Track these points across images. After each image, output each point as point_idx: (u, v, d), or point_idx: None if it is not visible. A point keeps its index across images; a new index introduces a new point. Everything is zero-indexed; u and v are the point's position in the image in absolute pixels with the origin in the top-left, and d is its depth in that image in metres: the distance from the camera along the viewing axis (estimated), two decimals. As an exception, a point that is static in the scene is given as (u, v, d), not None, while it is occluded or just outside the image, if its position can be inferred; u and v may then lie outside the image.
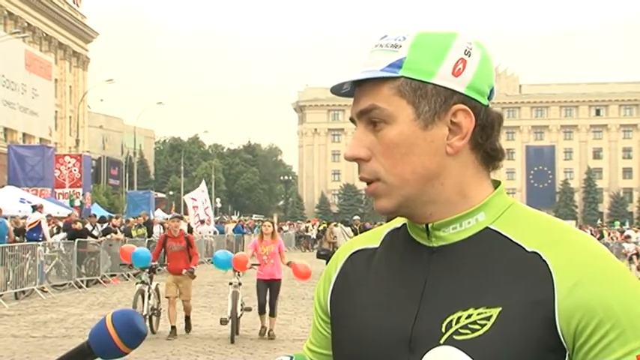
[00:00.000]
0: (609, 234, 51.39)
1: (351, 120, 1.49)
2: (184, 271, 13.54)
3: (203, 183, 43.28)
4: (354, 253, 1.61)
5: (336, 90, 1.50)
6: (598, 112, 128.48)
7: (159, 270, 14.57)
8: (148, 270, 13.82)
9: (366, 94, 1.44)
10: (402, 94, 1.42)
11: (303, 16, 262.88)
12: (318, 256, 29.36)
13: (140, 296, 13.62)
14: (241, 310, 13.51)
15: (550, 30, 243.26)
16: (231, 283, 13.44)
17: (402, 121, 1.42)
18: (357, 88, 1.47)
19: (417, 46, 1.43)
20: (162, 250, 14.12)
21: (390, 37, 1.46)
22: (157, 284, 14.36)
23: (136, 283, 14.03)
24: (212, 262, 13.35)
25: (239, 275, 13.46)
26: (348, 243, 1.66)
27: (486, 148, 1.46)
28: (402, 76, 1.42)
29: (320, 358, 1.65)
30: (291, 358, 1.61)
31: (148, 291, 13.76)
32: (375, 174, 1.45)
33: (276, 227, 14.20)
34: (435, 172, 1.43)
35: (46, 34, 76.74)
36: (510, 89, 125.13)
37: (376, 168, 1.44)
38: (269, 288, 13.37)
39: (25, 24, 70.48)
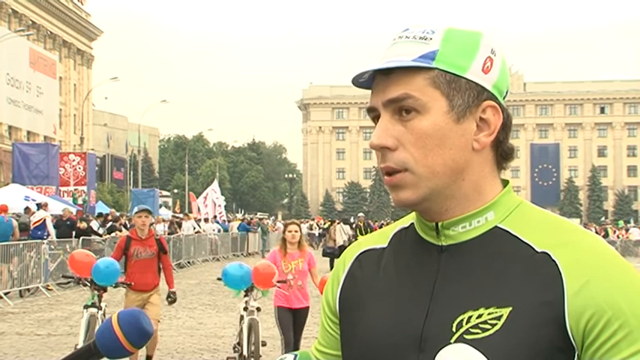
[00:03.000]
0: (615, 232, 51.35)
1: (369, 110, 1.48)
2: (169, 296, 10.22)
3: (216, 183, 43.42)
4: (361, 253, 1.61)
5: (356, 79, 1.48)
6: (602, 110, 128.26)
7: (125, 286, 10.02)
8: (97, 287, 9.59)
9: (397, 83, 1.43)
10: (436, 85, 1.42)
11: (307, 14, 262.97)
12: (324, 254, 29.52)
13: (92, 326, 9.53)
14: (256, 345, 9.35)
15: (554, 28, 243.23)
16: (246, 309, 9.47)
17: (435, 112, 1.42)
18: (382, 77, 1.45)
19: (448, 41, 1.43)
20: (124, 257, 10.10)
21: (414, 30, 1.46)
22: (106, 306, 9.97)
23: (85, 306, 9.74)
24: (222, 280, 9.50)
25: (257, 295, 9.55)
26: (355, 243, 1.66)
27: (504, 147, 1.48)
28: (437, 68, 1.42)
29: (329, 358, 1.65)
30: (296, 356, 1.61)
31: (101, 317, 9.72)
32: (404, 164, 1.43)
33: (303, 232, 9.70)
34: (462, 166, 1.44)
35: (51, 32, 76.88)
36: (515, 87, 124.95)
37: (405, 158, 1.43)
38: (294, 319, 9.44)
39: (30, 22, 70.65)
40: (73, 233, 23.92)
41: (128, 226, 28.99)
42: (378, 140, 1.44)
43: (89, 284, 9.57)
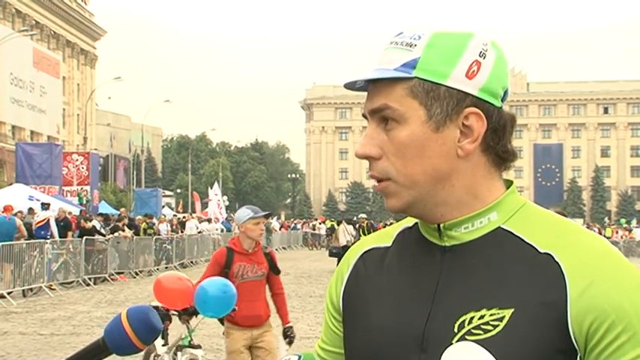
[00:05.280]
0: (617, 232, 51.32)
1: (364, 116, 1.49)
2: (286, 334, 7.18)
3: (216, 185, 43.57)
4: (366, 251, 1.61)
5: (350, 85, 1.49)
6: (606, 111, 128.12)
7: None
8: (188, 318, 7.13)
9: (379, 92, 1.44)
10: (414, 95, 1.41)
11: (310, 14, 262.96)
12: (331, 254, 29.54)
13: None
14: None
15: (554, 28, 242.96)
16: None
17: (413, 122, 1.42)
18: (371, 85, 1.46)
19: (431, 47, 1.42)
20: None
21: (405, 34, 1.45)
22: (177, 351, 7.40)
23: (178, 347, 7.44)
24: None
25: None
26: (360, 242, 1.66)
27: (498, 151, 1.46)
28: (416, 77, 1.41)
29: (333, 356, 1.65)
30: (300, 357, 1.61)
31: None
32: (386, 173, 1.44)
33: None
34: (446, 173, 1.43)
35: (54, 32, 76.92)
36: (518, 87, 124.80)
37: (387, 167, 1.44)
38: None
39: (33, 22, 70.69)
40: (69, 234, 23.83)
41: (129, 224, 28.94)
42: (362, 150, 1.46)
43: (179, 315, 7.00)
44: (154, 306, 6.22)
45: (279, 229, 55.07)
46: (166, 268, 29.03)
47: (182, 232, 34.08)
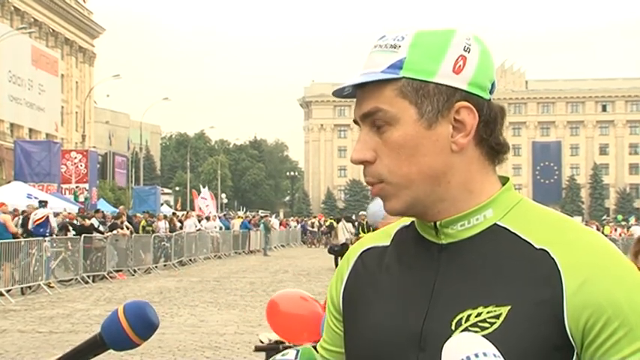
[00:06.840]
0: (616, 229, 51.32)
1: (355, 122, 1.49)
2: None
3: (206, 189, 43.59)
4: (365, 251, 1.62)
5: (339, 93, 1.49)
6: (604, 108, 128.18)
7: None
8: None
9: (369, 96, 1.44)
10: (404, 94, 1.42)
11: (309, 12, 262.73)
12: (331, 251, 29.60)
13: None
14: None
15: (555, 28, 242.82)
16: None
17: (405, 122, 1.42)
18: (359, 90, 1.47)
19: (416, 46, 1.42)
20: None
21: (388, 37, 1.46)
22: None
23: None
24: None
25: None
26: (359, 241, 1.66)
27: (491, 143, 1.46)
28: (404, 77, 1.42)
29: (335, 356, 1.65)
30: (298, 352, 1.61)
31: None
32: (379, 176, 1.45)
33: None
34: (442, 170, 1.43)
35: (53, 30, 76.87)
36: (517, 85, 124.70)
37: (380, 170, 1.44)
38: None
39: (32, 19, 70.64)
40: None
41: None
42: (356, 155, 1.46)
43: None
44: (277, 341, 5.07)
45: (278, 227, 55.07)
46: (165, 265, 29.07)
47: (181, 229, 34.03)
